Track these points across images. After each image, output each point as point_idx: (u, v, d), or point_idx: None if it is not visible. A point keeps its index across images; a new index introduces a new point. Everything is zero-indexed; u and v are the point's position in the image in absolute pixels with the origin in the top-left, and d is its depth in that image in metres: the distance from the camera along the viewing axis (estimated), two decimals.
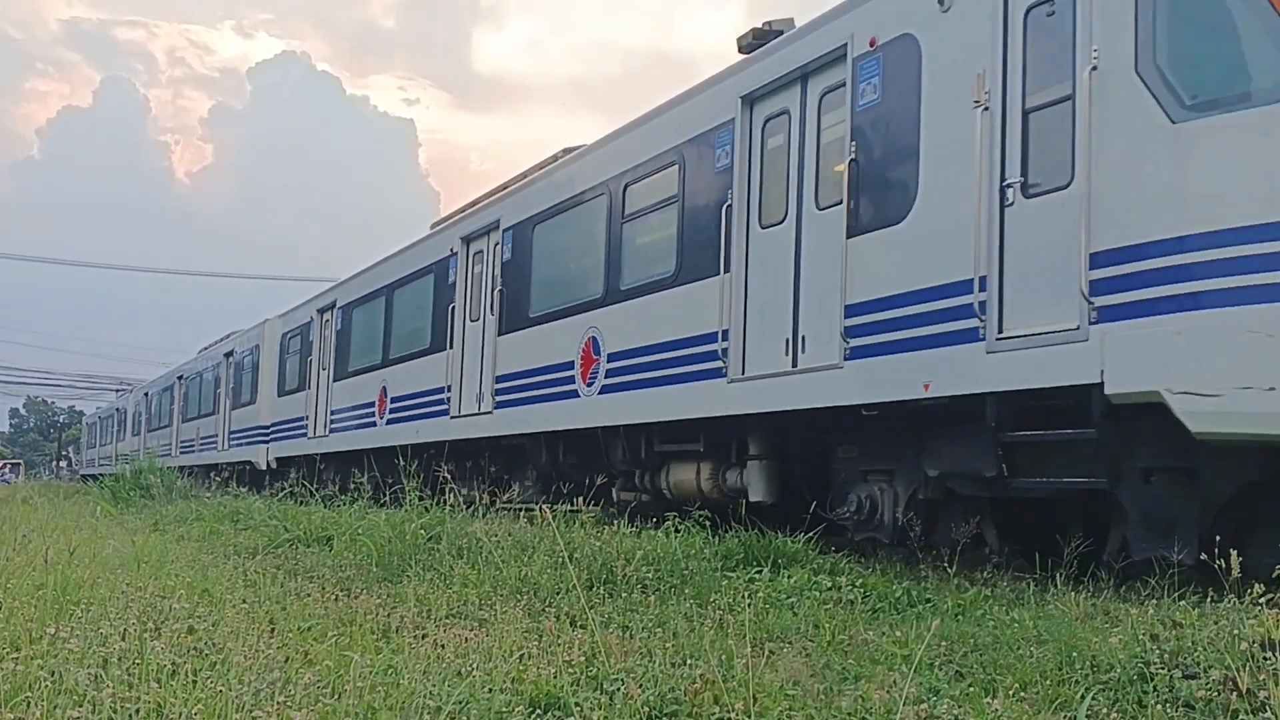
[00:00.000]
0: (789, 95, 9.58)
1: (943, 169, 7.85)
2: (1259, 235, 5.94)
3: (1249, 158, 6.16)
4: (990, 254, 7.36)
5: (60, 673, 3.56)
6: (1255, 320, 5.90)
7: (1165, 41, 6.51)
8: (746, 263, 9.80)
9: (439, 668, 4.56)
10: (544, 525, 8.54)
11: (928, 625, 5.34)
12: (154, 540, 9.90)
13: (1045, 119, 7.21)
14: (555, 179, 13.32)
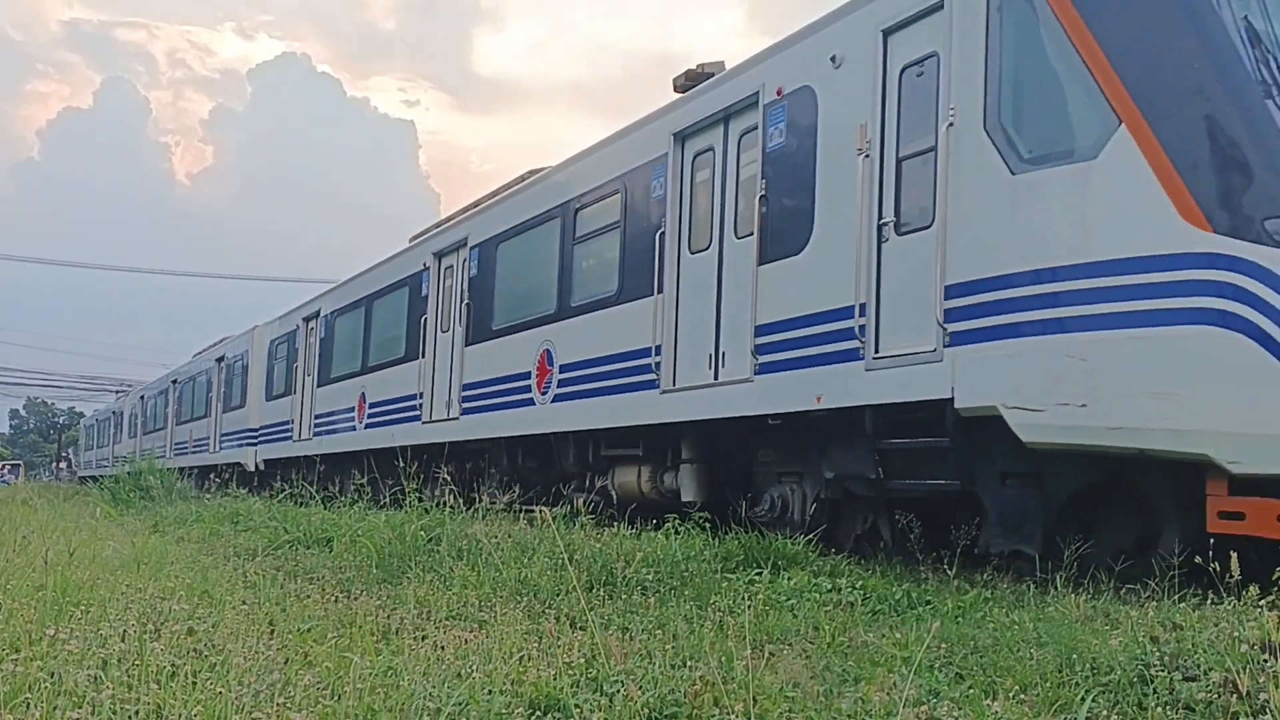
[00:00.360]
0: (714, 134, 10.56)
1: (833, 207, 8.83)
2: (1072, 274, 6.92)
3: (1067, 206, 7.05)
4: (869, 284, 8.38)
5: (60, 674, 3.56)
6: (1070, 346, 6.86)
7: (1008, 104, 7.50)
8: (678, 285, 10.76)
9: (439, 669, 4.56)
10: (544, 527, 8.55)
11: (928, 627, 5.34)
12: (154, 542, 9.91)
13: (914, 167, 8.19)
14: (516, 201, 14.23)
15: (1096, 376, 6.78)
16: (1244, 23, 6.85)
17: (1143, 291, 6.66)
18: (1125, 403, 6.69)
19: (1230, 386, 6.36)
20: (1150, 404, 6.58)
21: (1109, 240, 6.83)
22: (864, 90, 8.62)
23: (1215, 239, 6.40)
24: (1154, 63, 6.93)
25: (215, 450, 26.88)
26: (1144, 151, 6.68)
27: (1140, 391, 6.62)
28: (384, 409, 17.10)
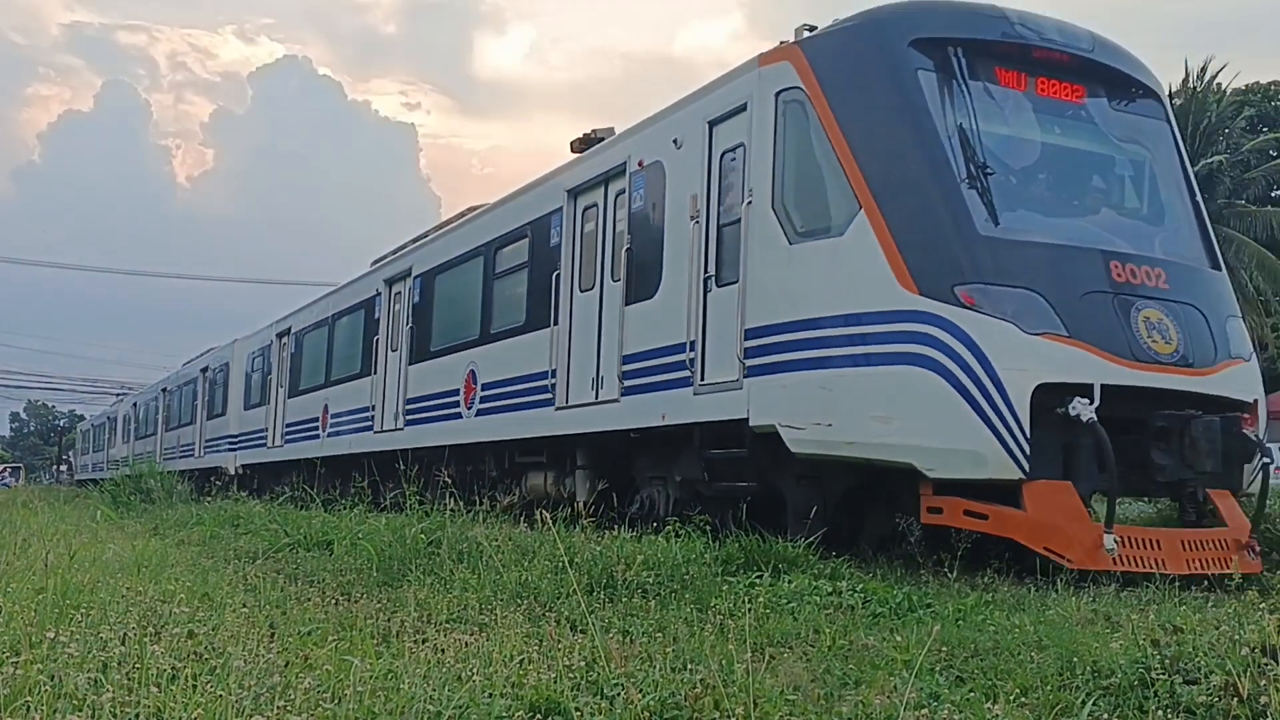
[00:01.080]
0: (597, 193, 12.36)
1: (676, 261, 10.63)
2: (824, 324, 8.82)
3: (823, 271, 8.97)
4: (698, 325, 10.18)
5: (60, 677, 3.56)
6: (821, 380, 8.74)
7: (789, 188, 9.39)
8: (570, 318, 12.48)
9: (439, 672, 4.55)
10: (544, 530, 8.55)
11: (928, 630, 5.35)
12: (154, 545, 9.91)
13: (729, 233, 10.02)
14: (452, 237, 16.17)
15: (838, 403, 8.65)
16: (956, 128, 8.70)
17: (870, 339, 8.53)
18: (856, 423, 8.54)
19: (926, 412, 8.13)
20: (873, 425, 8.43)
21: (849, 298, 8.72)
22: (696, 168, 10.50)
23: (919, 300, 8.20)
24: (884, 160, 8.76)
25: (200, 455, 28.22)
26: (875, 231, 8.51)
27: (866, 415, 8.47)
28: (343, 419, 18.96)
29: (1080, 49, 9.49)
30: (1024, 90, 9.28)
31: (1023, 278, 8.29)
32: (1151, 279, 8.61)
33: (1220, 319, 9.11)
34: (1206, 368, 8.64)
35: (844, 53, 9.33)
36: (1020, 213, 8.94)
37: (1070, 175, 9.66)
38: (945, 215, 8.47)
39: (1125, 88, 9.87)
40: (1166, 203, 9.98)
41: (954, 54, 8.93)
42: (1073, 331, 8.13)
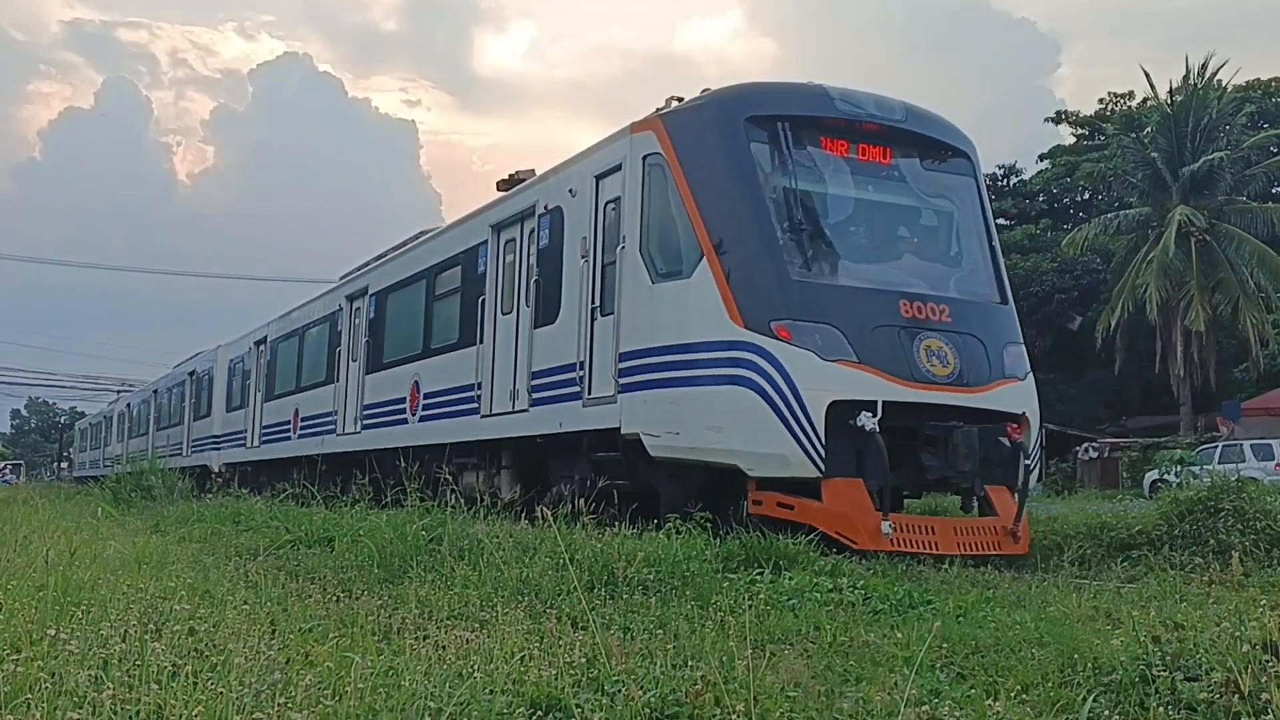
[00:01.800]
0: (515, 229, 14.06)
1: (571, 293, 12.25)
2: (674, 350, 10.51)
3: (675, 307, 10.59)
4: (587, 348, 11.80)
5: (60, 674, 3.56)
6: (671, 396, 10.50)
7: (653, 236, 11.06)
8: (494, 338, 14.10)
9: (440, 669, 4.55)
10: (545, 527, 8.55)
11: (929, 627, 5.34)
12: (155, 542, 9.91)
13: (609, 271, 11.59)
14: (401, 260, 17.86)
15: (683, 415, 10.38)
16: (781, 190, 10.51)
17: (707, 363, 10.23)
18: (697, 432, 10.26)
19: (746, 423, 9.85)
20: (709, 433, 10.16)
21: (693, 329, 10.39)
22: (586, 215, 12.15)
23: (744, 332, 9.95)
24: (722, 217, 10.40)
25: (186, 455, 29.53)
26: (714, 275, 10.22)
27: (704, 425, 10.21)
28: (312, 423, 20.62)
29: (894, 120, 11.25)
30: (843, 156, 11.05)
31: (825, 315, 10.08)
32: (936, 314, 10.42)
33: (999, 346, 10.84)
34: (980, 386, 10.39)
35: (693, 126, 11.04)
36: (829, 260, 10.82)
37: (879, 227, 11.48)
38: (766, 263, 10.30)
39: (936, 150, 11.68)
40: (965, 248, 11.74)
41: (781, 128, 10.72)
42: (862, 358, 9.90)
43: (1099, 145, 51.77)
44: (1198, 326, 37.76)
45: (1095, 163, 48.62)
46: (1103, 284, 41.87)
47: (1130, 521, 11.34)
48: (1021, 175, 55.09)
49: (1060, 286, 42.13)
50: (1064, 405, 41.87)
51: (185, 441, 30.42)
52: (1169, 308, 38.52)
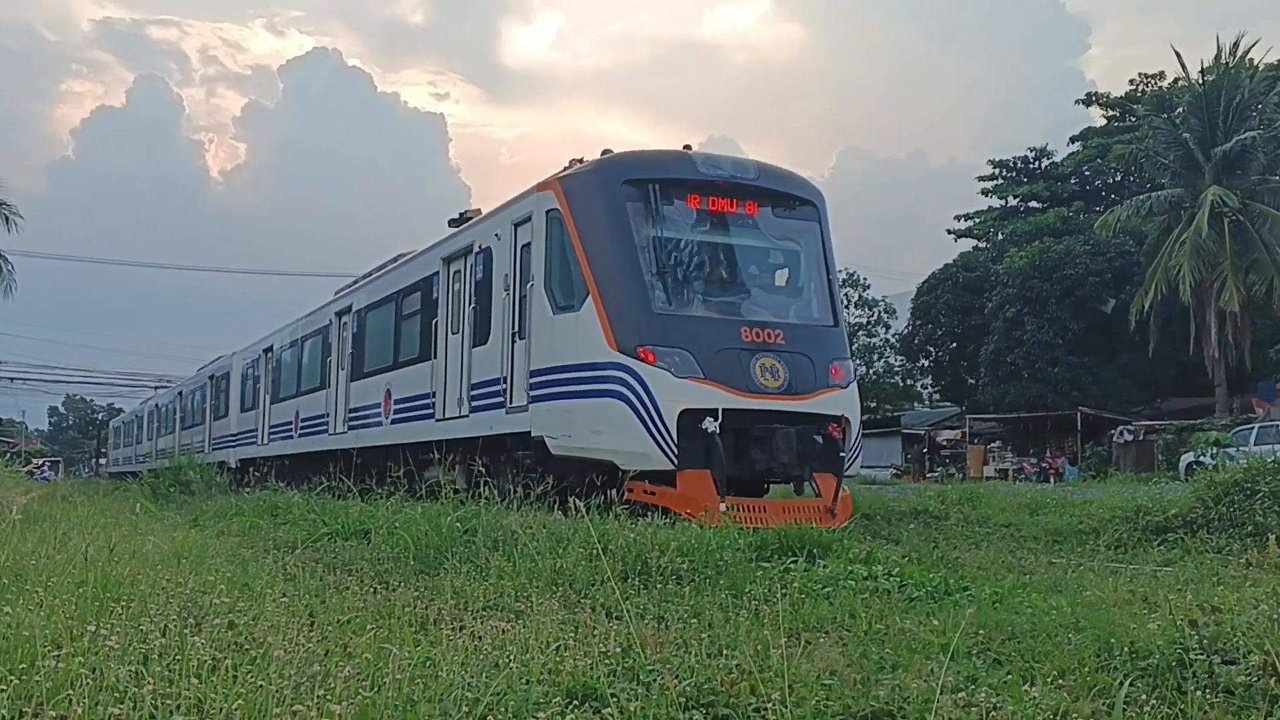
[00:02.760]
0: (460, 262, 16.21)
1: (498, 319, 14.56)
2: (567, 369, 12.71)
3: (568, 334, 12.77)
4: (509, 365, 14.04)
5: (101, 669, 3.59)
6: (565, 406, 12.68)
7: (554, 275, 13.26)
8: (445, 354, 16.27)
9: (476, 659, 4.58)
10: (578, 518, 8.57)
11: (965, 614, 5.32)
12: (194, 536, 10.00)
13: (525, 302, 13.76)
14: (377, 283, 20.24)
15: (574, 421, 12.56)
16: (650, 240, 12.73)
17: (591, 380, 12.40)
18: (583, 435, 12.44)
19: (618, 428, 12.03)
20: (592, 436, 12.33)
21: (581, 353, 12.55)
22: (508, 256, 14.43)
23: (618, 355, 12.18)
24: (603, 262, 12.59)
25: (208, 452, 31.14)
26: (597, 310, 12.42)
27: (588, 430, 12.38)
28: (310, 423, 22.97)
29: (747, 178, 13.55)
30: (703, 208, 13.31)
31: (679, 341, 12.30)
32: (772, 338, 12.68)
33: (826, 361, 13.04)
34: (806, 395, 12.62)
35: (582, 187, 13.24)
36: (686, 296, 13.03)
37: (730, 267, 13.67)
38: (635, 299, 12.53)
39: (785, 201, 13.93)
40: (805, 282, 13.96)
41: (652, 189, 12.98)
42: (708, 375, 12.15)
43: (1130, 127, 51.22)
44: (1232, 307, 37.31)
45: (1127, 144, 48.12)
46: (1136, 266, 41.43)
47: (1166, 505, 11.27)
48: (1053, 158, 54.60)
49: (1093, 269, 41.70)
50: (1098, 388, 41.53)
51: (206, 439, 32.50)
52: (1203, 289, 38.08)
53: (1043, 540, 11.61)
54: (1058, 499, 14.78)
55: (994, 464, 41.21)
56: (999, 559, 9.53)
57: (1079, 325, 41.42)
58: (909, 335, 50.32)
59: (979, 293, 46.60)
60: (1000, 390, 43.17)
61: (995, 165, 55.57)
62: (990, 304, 44.34)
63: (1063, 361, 41.22)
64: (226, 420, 30.63)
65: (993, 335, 43.67)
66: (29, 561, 5.90)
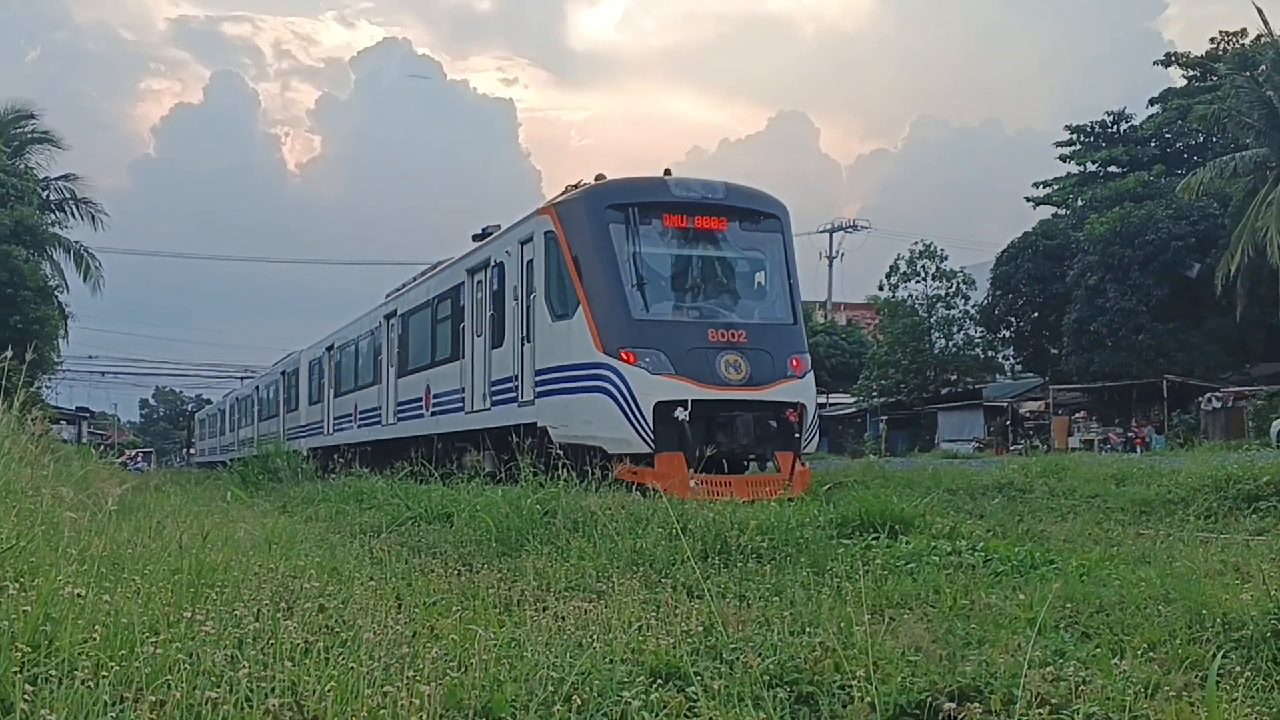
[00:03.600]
0: (481, 274, 18.39)
1: (510, 325, 16.67)
2: (564, 369, 14.68)
3: (564, 339, 14.74)
4: (519, 365, 16.19)
5: (198, 654, 3.67)
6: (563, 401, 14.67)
7: (553, 288, 15.31)
8: (471, 355, 18.42)
9: (560, 640, 4.63)
10: (655, 498, 8.61)
11: (1051, 587, 5.26)
12: (283, 522, 10.20)
13: (530, 311, 15.91)
14: (416, 290, 22.81)
15: (570, 413, 14.69)
16: (630, 255, 14.76)
17: (582, 378, 14.45)
18: (577, 425, 14.53)
19: (604, 418, 14.07)
20: (584, 425, 14.37)
21: (575, 355, 14.64)
22: (516, 270, 16.65)
23: (604, 356, 14.19)
24: (591, 276, 14.65)
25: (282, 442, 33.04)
26: (586, 318, 14.44)
27: (581, 420, 14.44)
28: (366, 416, 25.58)
29: (716, 198, 15.55)
30: (677, 226, 15.35)
31: (654, 343, 14.34)
32: (735, 337, 14.63)
33: (784, 356, 14.95)
34: (765, 385, 14.52)
35: (573, 212, 15.36)
36: (660, 303, 15.09)
37: (700, 276, 15.72)
38: (617, 308, 14.60)
39: (750, 216, 15.92)
40: (769, 286, 15.92)
41: (631, 211, 15.04)
42: (679, 371, 14.13)
43: (1211, 86, 49.77)
44: None
45: (1208, 105, 46.73)
46: (1220, 229, 40.30)
47: (1257, 472, 11.02)
48: (1131, 121, 53.32)
49: (1176, 234, 40.67)
50: (1184, 355, 40.55)
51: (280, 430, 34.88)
52: None
53: (1130, 511, 11.42)
54: (1145, 469, 14.51)
55: (1079, 435, 40.52)
56: (1085, 531, 9.38)
57: (1163, 291, 40.45)
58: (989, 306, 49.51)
59: (1059, 261, 45.70)
60: (1084, 359, 42.34)
61: (1072, 131, 54.43)
62: (1071, 272, 43.45)
63: (1147, 328, 40.29)
64: (297, 413, 33.67)
65: (1075, 304, 42.81)
66: (125, 550, 6.06)
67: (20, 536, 5.05)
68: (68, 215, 38.38)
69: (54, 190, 38.12)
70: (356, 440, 25.97)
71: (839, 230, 66.55)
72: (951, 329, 50.73)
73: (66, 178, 38.80)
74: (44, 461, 8.60)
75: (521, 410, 15.85)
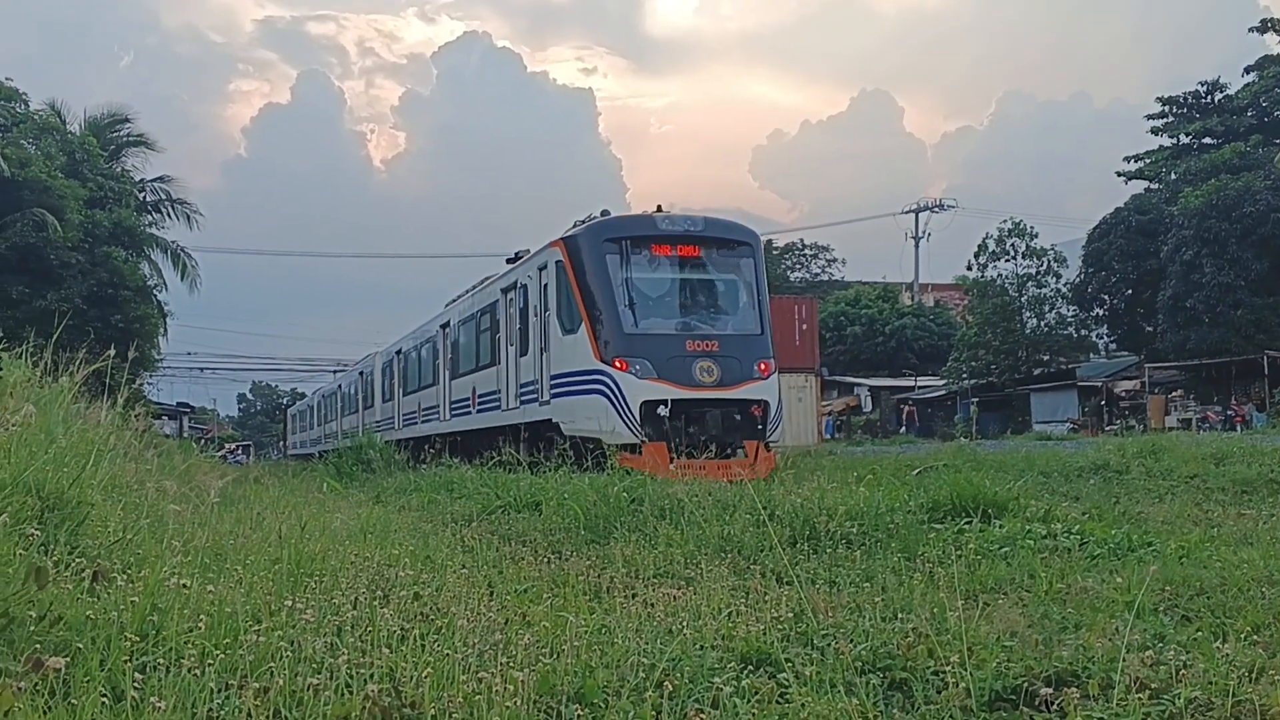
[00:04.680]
0: (512, 293, 21.15)
1: (532, 337, 19.50)
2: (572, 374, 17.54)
3: (571, 350, 17.61)
4: (538, 371, 18.91)
5: (299, 642, 3.77)
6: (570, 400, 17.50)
7: (563, 307, 18.03)
8: (506, 361, 21.22)
9: (650, 626, 4.66)
10: (742, 485, 8.60)
11: (1149, 570, 5.15)
12: (377, 512, 10.38)
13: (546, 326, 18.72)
14: (464, 303, 25.64)
15: (575, 411, 17.16)
16: (624, 280, 17.32)
17: (584, 382, 16.98)
18: (582, 421, 16.87)
19: (603, 416, 16.47)
20: (588, 421, 16.67)
21: (579, 363, 17.22)
22: (536, 291, 19.46)
23: (601, 365, 16.79)
24: (591, 299, 17.23)
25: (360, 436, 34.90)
26: (588, 333, 17.06)
27: (585, 417, 16.81)
28: (428, 413, 28.65)
29: (696, 230, 18.21)
30: (663, 254, 18.09)
31: (641, 352, 16.91)
32: (709, 346, 17.13)
33: (751, 361, 17.41)
34: (734, 386, 17.00)
35: (577, 244, 18.06)
36: (649, 319, 17.57)
37: (682, 296, 18.36)
38: (612, 325, 17.21)
39: (726, 244, 18.65)
40: (742, 303, 18.49)
41: (624, 243, 17.79)
42: (661, 376, 16.66)
43: None
44: None
45: None
46: None
47: None
48: (1226, 90, 51.71)
49: (1275, 205, 39.33)
50: None
51: (360, 426, 37.45)
52: None
53: (1231, 492, 11.14)
54: (1245, 448, 14.14)
55: (1176, 414, 39.52)
56: (1184, 512, 9.16)
57: (1262, 265, 39.21)
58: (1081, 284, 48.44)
59: (1153, 236, 44.55)
60: (1180, 337, 41.27)
61: (1164, 102, 52.91)
62: (1166, 247, 42.33)
63: (1246, 304, 39.10)
64: (373, 409, 37.02)
65: (1170, 280, 41.71)
66: (227, 541, 6.23)
67: (127, 529, 5.23)
68: (164, 216, 39.25)
69: (150, 191, 39.02)
70: (420, 434, 28.32)
71: (925, 210, 65.57)
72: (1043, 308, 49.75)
73: (162, 179, 39.69)
74: (148, 456, 8.86)
75: (541, 409, 18.80)
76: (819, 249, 77.06)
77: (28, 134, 30.78)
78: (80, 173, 30.75)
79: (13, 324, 20.67)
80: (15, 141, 28.91)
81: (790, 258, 76.62)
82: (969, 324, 52.62)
